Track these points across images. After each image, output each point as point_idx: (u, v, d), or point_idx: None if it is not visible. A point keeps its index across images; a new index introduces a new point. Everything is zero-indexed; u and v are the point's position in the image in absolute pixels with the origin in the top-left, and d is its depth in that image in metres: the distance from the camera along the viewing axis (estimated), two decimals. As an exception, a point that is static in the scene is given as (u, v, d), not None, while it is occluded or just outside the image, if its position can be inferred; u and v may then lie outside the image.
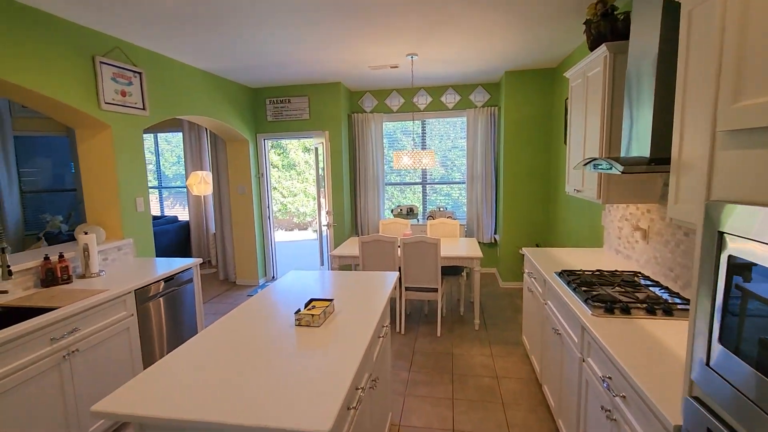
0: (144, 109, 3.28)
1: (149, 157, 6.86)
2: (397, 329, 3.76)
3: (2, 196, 5.57)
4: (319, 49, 3.53)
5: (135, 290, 2.46)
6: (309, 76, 4.64)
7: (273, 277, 5.56)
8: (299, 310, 1.79)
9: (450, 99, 5.37)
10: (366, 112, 5.57)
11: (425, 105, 5.43)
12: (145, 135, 6.60)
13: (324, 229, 4.97)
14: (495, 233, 5.42)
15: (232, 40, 3.20)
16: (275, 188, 12.29)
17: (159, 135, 6.66)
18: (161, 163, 6.86)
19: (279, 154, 12.22)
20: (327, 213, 4.71)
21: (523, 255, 4.51)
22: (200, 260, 3.11)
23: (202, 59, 3.72)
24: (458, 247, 3.94)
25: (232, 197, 5.20)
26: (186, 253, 6.43)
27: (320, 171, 5.01)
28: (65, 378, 2.00)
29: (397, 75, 4.68)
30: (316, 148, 5.07)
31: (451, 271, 4.07)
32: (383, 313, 1.94)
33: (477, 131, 5.26)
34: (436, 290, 3.64)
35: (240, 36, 3.12)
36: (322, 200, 4.96)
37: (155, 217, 6.37)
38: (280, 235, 10.10)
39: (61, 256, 2.47)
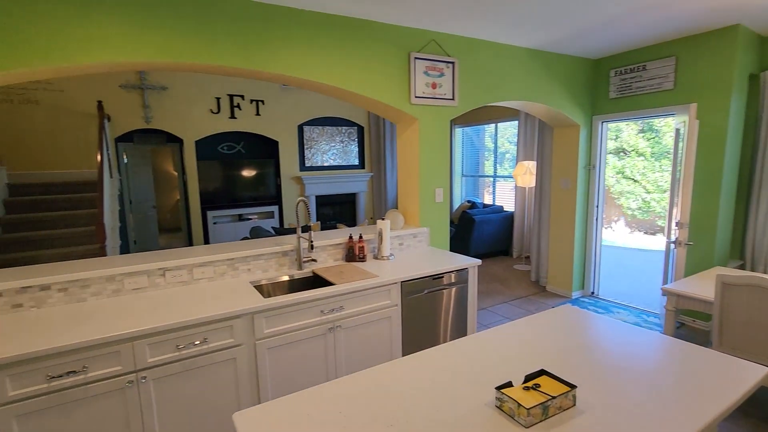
0: (452, 99, 3.26)
1: (488, 144, 7.16)
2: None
3: (386, 179, 7.37)
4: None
5: (401, 282, 2.49)
6: (682, 26, 3.23)
7: (592, 292, 4.54)
8: (508, 384, 1.17)
9: None
10: (789, 66, 3.38)
11: None
12: (485, 125, 6.91)
13: (672, 246, 3.49)
14: None
15: None
16: (637, 181, 10.19)
17: (499, 125, 6.79)
18: (497, 152, 7.00)
19: (649, 139, 9.97)
20: (677, 225, 3.25)
21: None
22: (478, 262, 2.82)
23: (524, 34, 3.29)
24: None
25: (553, 191, 4.56)
26: (506, 245, 6.35)
27: (678, 164, 3.50)
28: (328, 348, 2.26)
29: None
30: (677, 130, 3.57)
31: None
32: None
33: None
34: None
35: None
36: (675, 206, 3.47)
37: (484, 205, 6.62)
38: (630, 240, 8.32)
39: (360, 237, 2.83)
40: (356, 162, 8.11)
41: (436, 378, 1.31)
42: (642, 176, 10.20)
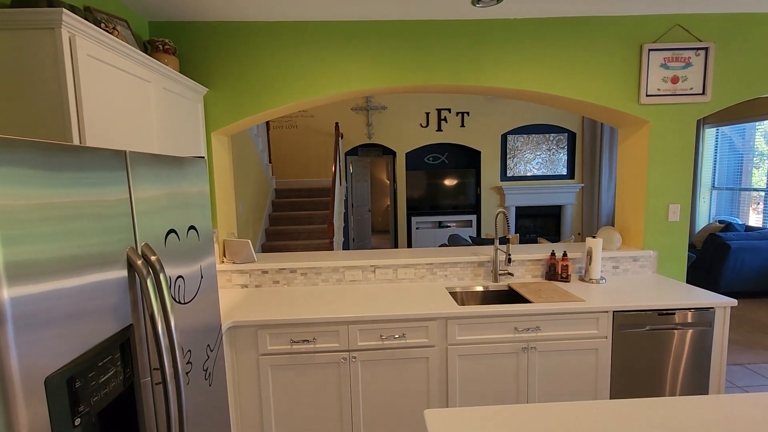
0: (703, 93, 2.60)
1: (760, 147, 5.39)
2: None
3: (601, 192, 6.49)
4: None
5: (614, 311, 2.13)
6: None
7: None
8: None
9: None
10: None
11: None
12: (755, 122, 5.28)
13: None
14: None
15: None
16: None
17: (779, 121, 5.03)
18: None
19: None
20: None
21: None
22: (734, 302, 2.15)
23: (825, -4, 2.36)
24: None
25: None
26: (785, 283, 4.63)
27: None
28: (521, 368, 2.13)
29: None
30: None
31: None
32: None
33: None
34: None
35: None
36: None
37: (747, 228, 5.03)
38: None
39: (564, 254, 2.56)
40: (564, 171, 7.42)
41: (659, 439, 1.06)
42: None
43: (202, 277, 1.30)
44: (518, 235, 4.83)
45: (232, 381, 2.06)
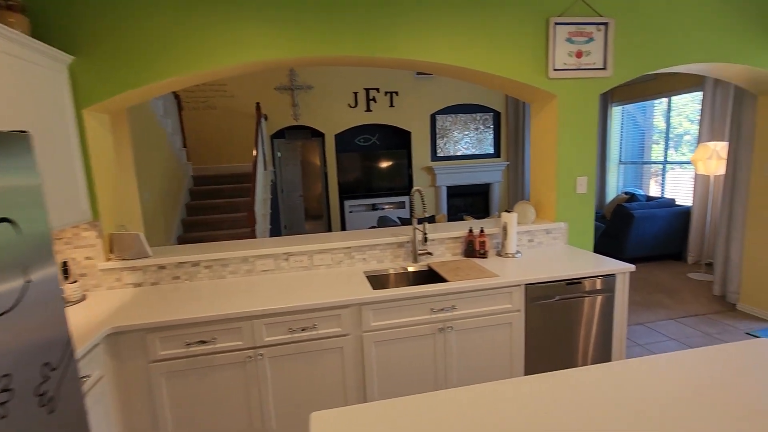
0: (604, 68, 2.68)
1: (658, 124, 5.88)
2: None
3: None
4: None
5: (525, 284, 2.14)
6: None
7: (813, 319, 3.31)
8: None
9: None
10: None
11: None
12: (654, 100, 5.72)
13: None
14: None
15: None
16: None
17: (673, 99, 5.50)
18: (671, 133, 5.69)
19: None
20: None
21: None
22: (631, 268, 2.26)
23: (707, -25, 2.50)
24: None
25: (754, 180, 3.45)
26: (678, 247, 5.14)
27: None
28: (438, 349, 2.09)
29: None
30: None
31: None
32: None
33: None
34: None
35: None
36: None
37: (648, 198, 5.49)
38: None
39: (481, 231, 2.55)
40: (491, 150, 7.63)
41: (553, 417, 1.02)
42: None
43: (29, 281, 1.05)
44: (445, 214, 4.86)
45: (116, 397, 1.80)
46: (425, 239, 2.34)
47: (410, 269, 2.48)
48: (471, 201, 7.74)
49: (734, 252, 3.75)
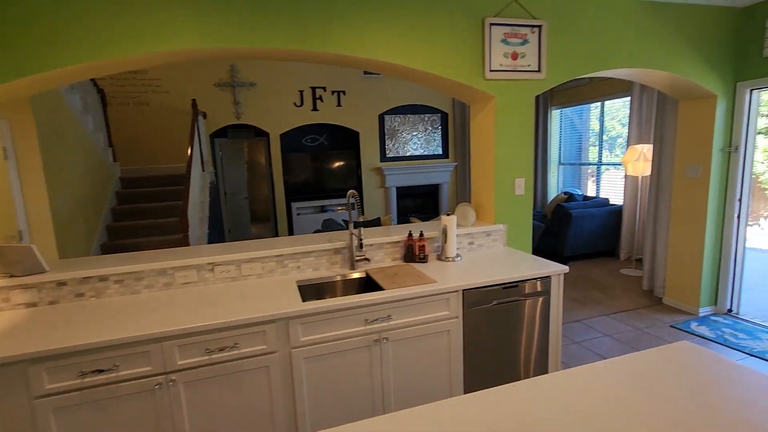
0: (539, 71, 2.70)
1: (594, 127, 6.17)
2: None
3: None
4: None
5: (463, 290, 2.09)
6: None
7: (729, 310, 3.57)
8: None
9: None
10: None
11: None
12: (590, 104, 5.98)
13: None
14: None
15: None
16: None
17: (606, 103, 5.79)
18: (605, 136, 5.99)
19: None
20: None
21: None
22: (565, 269, 2.28)
23: (632, -17, 2.59)
24: None
25: (676, 181, 3.66)
26: (612, 244, 5.41)
27: None
28: (374, 362, 1.98)
29: None
30: None
31: None
32: None
33: None
34: None
35: None
36: None
37: (585, 198, 5.73)
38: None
39: (420, 235, 2.48)
40: (439, 151, 7.69)
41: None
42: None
43: None
44: (391, 215, 4.79)
45: (-10, 440, 1.52)
46: (361, 245, 2.23)
47: (347, 277, 2.36)
48: (421, 202, 7.76)
49: (660, 249, 3.97)
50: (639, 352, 1.31)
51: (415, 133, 7.46)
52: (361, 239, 2.23)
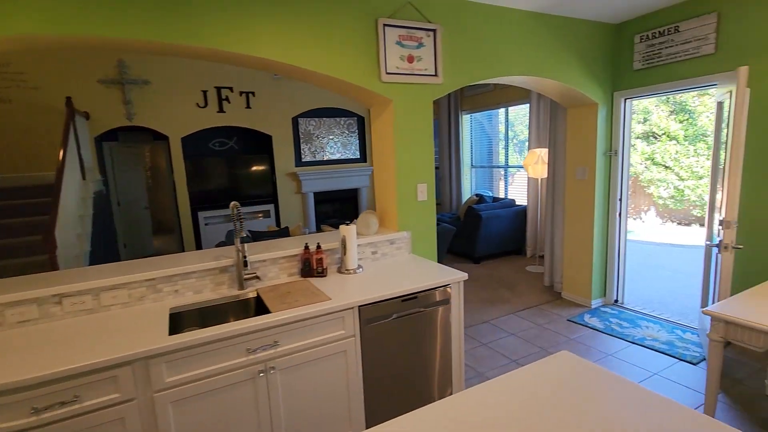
0: (435, 75, 2.67)
1: (501, 131, 6.49)
2: None
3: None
4: None
5: (358, 306, 1.95)
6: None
7: (615, 300, 3.89)
8: None
9: None
10: None
11: None
12: (496, 110, 6.25)
13: (714, 251, 2.82)
14: None
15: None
16: (669, 168, 9.23)
17: (510, 109, 6.11)
18: (510, 140, 6.32)
19: (682, 121, 9.01)
20: (722, 224, 2.58)
21: None
22: (465, 276, 2.26)
23: (519, -7, 2.67)
24: None
25: (568, 182, 3.91)
26: (519, 243, 5.71)
27: (722, 147, 2.81)
28: (261, 396, 1.76)
29: None
30: (719, 104, 2.88)
31: None
32: None
33: None
34: None
35: None
36: (718, 196, 2.79)
37: (494, 199, 5.99)
38: (662, 233, 7.50)
39: (318, 247, 2.31)
40: (357, 155, 7.58)
41: None
42: (675, 162, 9.22)
43: None
44: (301, 224, 4.56)
45: None
46: (246, 263, 1.99)
47: (234, 299, 2.10)
48: (339, 207, 7.59)
49: (557, 246, 4.23)
50: (523, 368, 1.27)
51: (331, 137, 7.28)
52: (245, 256, 1.99)
